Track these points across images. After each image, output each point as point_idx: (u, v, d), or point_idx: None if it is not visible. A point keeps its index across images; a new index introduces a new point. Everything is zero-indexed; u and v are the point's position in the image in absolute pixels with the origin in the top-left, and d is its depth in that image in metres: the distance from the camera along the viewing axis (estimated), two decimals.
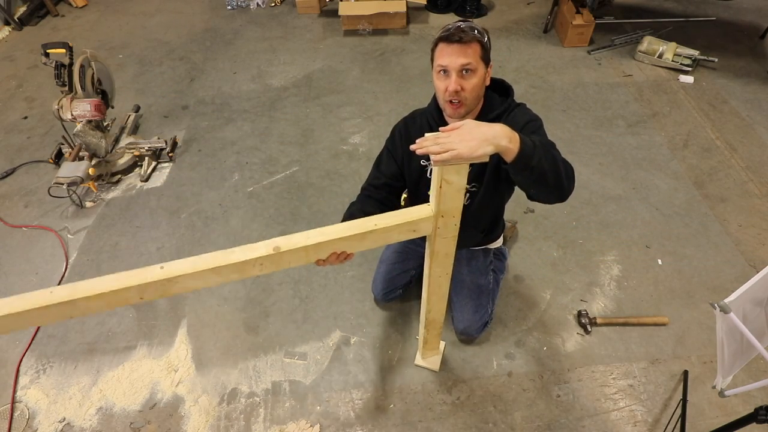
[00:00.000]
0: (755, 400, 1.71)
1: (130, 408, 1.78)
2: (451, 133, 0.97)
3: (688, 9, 3.98)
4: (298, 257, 1.02)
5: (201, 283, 0.96)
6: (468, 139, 0.95)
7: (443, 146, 0.94)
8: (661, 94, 3.12)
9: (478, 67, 1.25)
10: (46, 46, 2.39)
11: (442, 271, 1.32)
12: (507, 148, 0.99)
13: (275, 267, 1.01)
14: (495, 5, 4.17)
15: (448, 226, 1.13)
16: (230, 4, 4.24)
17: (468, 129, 0.97)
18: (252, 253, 0.97)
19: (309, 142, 2.87)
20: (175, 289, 0.96)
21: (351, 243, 1.05)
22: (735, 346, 1.11)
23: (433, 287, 1.39)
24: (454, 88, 1.25)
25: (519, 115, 1.36)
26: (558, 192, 1.15)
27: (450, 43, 1.22)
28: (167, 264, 0.94)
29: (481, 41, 1.24)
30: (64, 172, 2.39)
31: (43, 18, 4.23)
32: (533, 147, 1.03)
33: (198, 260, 0.95)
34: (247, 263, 0.97)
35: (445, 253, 1.24)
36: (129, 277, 0.92)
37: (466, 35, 1.21)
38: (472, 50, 1.23)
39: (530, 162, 1.03)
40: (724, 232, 2.28)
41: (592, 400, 1.74)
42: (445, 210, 1.07)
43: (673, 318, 1.96)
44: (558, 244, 2.25)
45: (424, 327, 1.62)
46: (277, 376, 1.84)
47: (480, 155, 0.95)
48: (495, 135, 0.97)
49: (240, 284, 2.14)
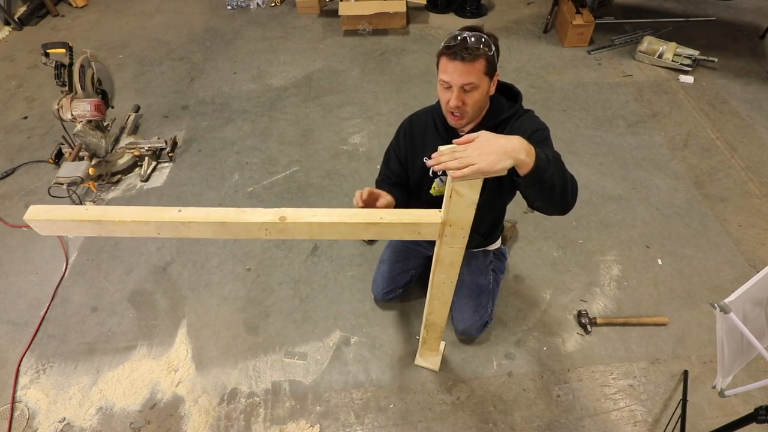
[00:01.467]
0: (755, 400, 1.71)
1: (130, 408, 1.78)
2: (468, 146, 0.94)
3: (688, 9, 3.98)
4: (301, 231, 1.05)
5: (210, 232, 1.04)
6: (487, 153, 0.92)
7: (462, 161, 0.91)
8: (661, 94, 3.12)
9: (481, 84, 1.23)
10: (46, 46, 2.39)
11: (447, 278, 1.32)
12: (524, 162, 0.97)
13: (279, 235, 1.06)
14: (495, 5, 4.17)
15: (456, 236, 1.12)
16: (230, 4, 4.25)
17: (486, 141, 0.94)
18: (261, 217, 1.03)
19: (309, 142, 2.87)
20: (187, 232, 1.04)
21: (354, 230, 1.06)
22: (735, 346, 1.11)
23: (436, 292, 1.39)
24: (455, 103, 1.25)
25: (527, 122, 1.34)
26: (561, 207, 1.15)
27: (453, 60, 1.20)
28: (185, 209, 1.03)
29: (486, 56, 1.20)
30: (64, 172, 2.39)
31: (43, 18, 4.23)
32: (547, 162, 1.02)
33: (212, 212, 1.03)
34: (254, 225, 1.03)
35: (451, 261, 1.23)
36: (150, 213, 1.03)
37: (470, 54, 1.17)
38: (475, 69, 1.20)
39: (543, 176, 1.01)
40: (724, 232, 2.28)
41: (592, 400, 1.74)
42: (454, 220, 1.06)
43: (673, 318, 1.96)
44: (558, 244, 2.25)
45: (425, 328, 1.62)
46: (277, 376, 1.84)
47: (499, 169, 0.93)
48: (514, 148, 0.94)
49: (240, 284, 2.14)
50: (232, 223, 1.02)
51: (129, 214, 1.03)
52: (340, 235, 1.07)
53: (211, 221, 1.02)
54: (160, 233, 1.05)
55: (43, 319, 2.05)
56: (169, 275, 2.20)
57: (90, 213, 1.02)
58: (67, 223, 1.02)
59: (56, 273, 2.22)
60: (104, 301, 2.10)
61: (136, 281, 2.18)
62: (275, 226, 1.03)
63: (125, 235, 1.05)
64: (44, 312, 2.07)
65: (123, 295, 2.12)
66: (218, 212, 1.03)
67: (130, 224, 1.03)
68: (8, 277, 2.22)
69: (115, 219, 1.02)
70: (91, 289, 2.15)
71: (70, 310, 2.08)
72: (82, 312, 2.07)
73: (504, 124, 1.37)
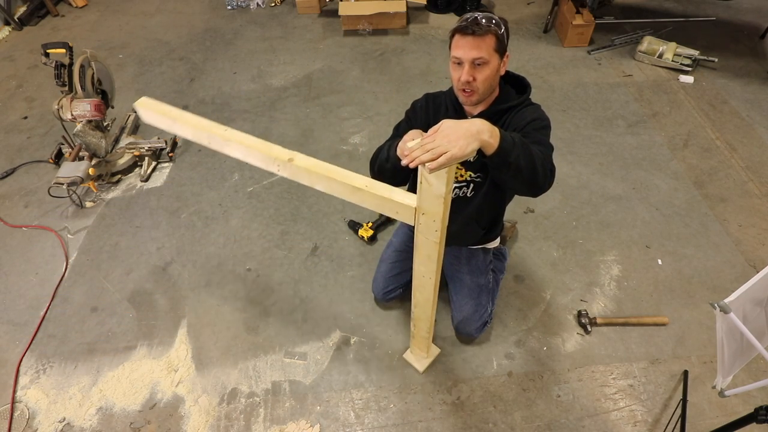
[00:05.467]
0: (755, 400, 1.71)
1: (130, 408, 1.78)
2: (435, 136, 0.97)
3: (688, 9, 3.98)
4: (303, 175, 1.14)
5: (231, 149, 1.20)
6: (455, 138, 0.96)
7: (434, 152, 0.94)
8: (661, 94, 3.12)
9: (491, 59, 1.27)
10: (46, 46, 2.39)
11: (426, 272, 1.32)
12: (488, 143, 1.02)
13: (287, 173, 1.16)
14: (495, 5, 4.17)
15: (429, 227, 1.13)
16: (230, 4, 4.24)
17: (450, 128, 0.98)
18: (274, 152, 1.15)
19: (309, 142, 2.87)
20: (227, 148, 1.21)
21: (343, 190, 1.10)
22: (735, 346, 1.11)
23: (417, 283, 1.41)
24: (466, 78, 1.28)
25: (529, 111, 1.37)
26: (532, 188, 1.19)
27: (464, 35, 1.25)
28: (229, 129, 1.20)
29: (496, 33, 1.25)
30: (64, 172, 2.39)
31: (43, 18, 4.23)
32: (512, 143, 1.07)
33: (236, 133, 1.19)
34: (271, 153, 1.15)
35: (428, 254, 1.24)
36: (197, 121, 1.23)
37: (481, 28, 1.22)
38: (485, 43, 1.24)
39: (508, 158, 1.07)
40: (724, 232, 2.28)
41: (592, 400, 1.74)
42: (426, 208, 1.07)
43: (673, 318, 1.96)
44: (558, 244, 2.25)
45: (412, 321, 1.64)
46: (277, 376, 1.84)
47: (470, 152, 0.97)
48: (478, 130, 0.99)
49: (240, 284, 2.14)
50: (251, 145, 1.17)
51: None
52: (330, 190, 1.13)
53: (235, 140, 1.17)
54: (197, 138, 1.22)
55: (43, 319, 2.05)
56: (169, 275, 2.20)
57: (192, 119, 1.22)
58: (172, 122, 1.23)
59: (56, 273, 2.22)
60: (104, 301, 2.10)
61: (136, 281, 2.18)
62: (286, 166, 1.14)
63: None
64: (44, 312, 2.07)
65: (123, 295, 2.12)
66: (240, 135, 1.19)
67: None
68: (8, 277, 2.22)
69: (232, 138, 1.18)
70: (91, 289, 2.15)
71: (70, 310, 2.08)
72: (82, 312, 2.07)
73: (509, 112, 1.40)
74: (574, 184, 2.53)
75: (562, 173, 2.57)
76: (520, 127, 1.33)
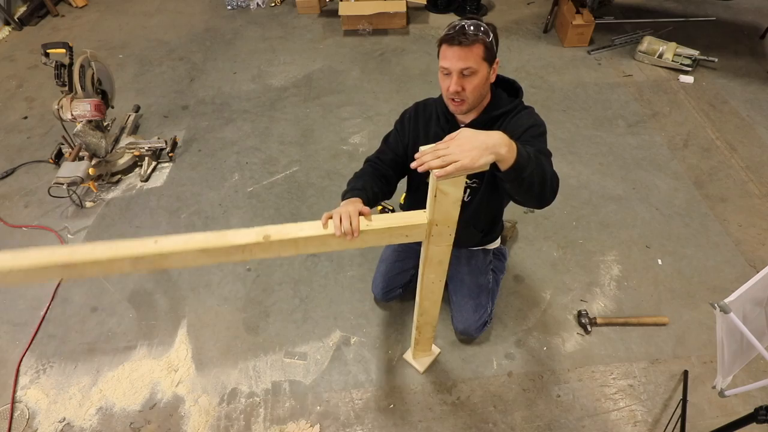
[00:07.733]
0: (755, 400, 1.71)
1: (130, 408, 1.78)
2: (449, 143, 0.96)
3: (688, 9, 3.98)
4: (288, 248, 1.02)
5: (191, 261, 0.97)
6: (468, 149, 0.94)
7: (445, 159, 0.93)
8: (661, 94, 3.12)
9: (479, 69, 1.25)
10: (46, 46, 2.39)
11: (436, 278, 1.31)
12: (505, 157, 0.98)
13: (265, 254, 1.01)
14: (495, 5, 4.17)
15: (443, 235, 1.12)
16: (230, 4, 4.24)
17: (466, 138, 0.96)
18: (242, 238, 0.97)
19: (309, 142, 2.87)
20: (166, 264, 0.97)
21: (342, 241, 1.05)
22: (735, 346, 1.11)
23: (426, 292, 1.39)
24: (455, 89, 1.26)
25: (524, 117, 1.35)
26: (539, 202, 1.17)
27: (451, 46, 1.22)
28: (161, 239, 0.95)
29: (484, 42, 1.22)
30: (64, 172, 2.39)
31: (43, 18, 4.23)
32: (528, 158, 1.04)
33: (190, 239, 0.96)
34: (236, 248, 0.97)
35: (439, 260, 1.22)
36: (124, 248, 0.94)
37: (468, 38, 1.20)
38: (473, 53, 1.22)
39: (523, 173, 1.03)
40: (724, 232, 2.28)
41: (592, 400, 1.74)
42: (440, 219, 1.06)
43: (673, 318, 1.96)
44: (558, 244, 2.25)
45: (416, 329, 1.62)
46: (277, 376, 1.84)
47: (481, 165, 0.94)
48: (495, 143, 0.96)
49: (240, 284, 2.14)
50: (213, 248, 0.95)
51: (101, 252, 0.93)
52: (329, 248, 1.05)
53: (190, 249, 0.95)
54: (137, 268, 0.97)
55: (43, 319, 2.05)
56: (169, 275, 2.19)
57: (55, 254, 0.94)
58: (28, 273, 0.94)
59: None
60: (104, 301, 2.10)
61: (136, 281, 2.17)
62: (260, 247, 0.97)
63: (99, 276, 0.99)
64: (44, 312, 2.07)
65: (123, 295, 2.12)
66: (197, 238, 0.96)
67: (104, 263, 0.93)
68: None
69: (85, 259, 0.92)
70: (91, 289, 2.15)
71: (70, 310, 2.08)
72: (82, 312, 2.07)
73: (502, 118, 1.38)
74: (574, 184, 2.53)
75: (562, 173, 2.55)
76: (517, 135, 1.30)
